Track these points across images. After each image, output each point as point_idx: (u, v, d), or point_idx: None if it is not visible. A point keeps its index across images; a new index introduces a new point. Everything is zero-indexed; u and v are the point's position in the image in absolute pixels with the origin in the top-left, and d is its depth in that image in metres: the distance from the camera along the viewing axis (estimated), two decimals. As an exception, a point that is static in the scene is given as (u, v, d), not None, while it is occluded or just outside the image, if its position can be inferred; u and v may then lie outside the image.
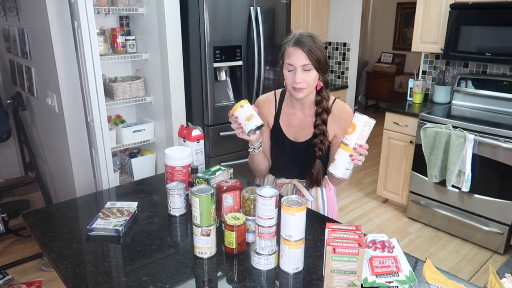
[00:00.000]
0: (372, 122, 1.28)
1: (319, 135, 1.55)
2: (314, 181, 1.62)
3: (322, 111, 1.53)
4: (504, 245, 2.89)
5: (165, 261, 1.25)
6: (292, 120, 1.62)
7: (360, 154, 1.32)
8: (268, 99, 1.67)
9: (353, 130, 1.29)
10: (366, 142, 1.33)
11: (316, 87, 1.52)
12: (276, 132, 1.65)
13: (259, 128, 1.42)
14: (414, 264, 1.22)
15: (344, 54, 4.42)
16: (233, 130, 1.47)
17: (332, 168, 1.36)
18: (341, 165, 1.33)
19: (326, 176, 1.67)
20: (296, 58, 1.42)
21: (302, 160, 1.64)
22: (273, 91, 1.69)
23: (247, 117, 1.39)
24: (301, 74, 1.44)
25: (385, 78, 6.79)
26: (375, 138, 5.67)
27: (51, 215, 1.58)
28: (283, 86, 1.59)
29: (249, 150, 1.58)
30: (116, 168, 3.01)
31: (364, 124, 1.28)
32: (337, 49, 4.47)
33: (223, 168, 1.56)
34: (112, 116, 3.03)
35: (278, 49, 3.36)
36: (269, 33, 3.12)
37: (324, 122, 1.54)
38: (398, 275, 1.11)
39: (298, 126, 1.62)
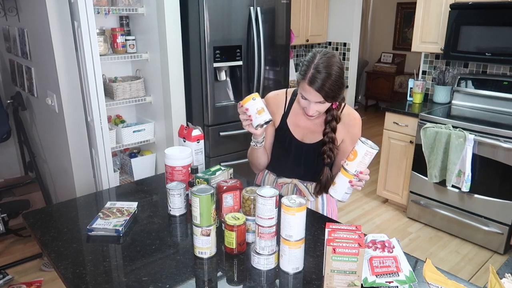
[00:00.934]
0: (373, 151, 1.29)
1: (328, 142, 1.55)
2: (322, 189, 1.62)
3: (331, 119, 1.53)
4: (504, 245, 2.89)
5: (165, 261, 1.25)
6: (301, 121, 1.62)
7: (360, 180, 1.34)
8: (278, 97, 1.66)
9: (354, 157, 1.30)
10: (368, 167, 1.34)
11: (332, 105, 1.52)
12: (283, 132, 1.64)
13: (267, 123, 1.42)
14: (414, 264, 1.22)
15: (344, 54, 4.42)
16: (234, 130, 1.47)
17: (331, 191, 1.38)
18: (340, 189, 1.36)
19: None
20: (311, 95, 1.41)
21: (307, 161, 1.64)
22: (284, 90, 1.68)
23: (258, 110, 1.40)
24: (315, 106, 1.44)
25: (385, 78, 6.79)
26: (375, 138, 5.66)
27: (51, 215, 1.58)
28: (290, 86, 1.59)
29: (251, 143, 1.57)
30: (116, 168, 3.01)
31: (365, 153, 1.29)
32: (337, 49, 4.47)
33: (223, 168, 1.56)
34: (112, 116, 3.03)
35: (278, 49, 3.38)
36: (269, 33, 3.12)
37: (333, 130, 1.54)
38: (398, 275, 1.11)
39: (306, 128, 1.61)
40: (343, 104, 1.59)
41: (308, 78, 1.38)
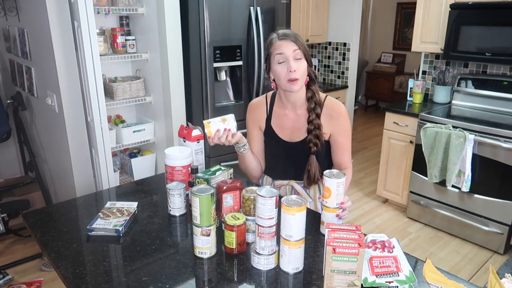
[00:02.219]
0: (343, 179, 1.31)
1: (314, 129, 1.54)
2: (312, 179, 1.61)
3: (315, 105, 1.53)
4: (504, 245, 2.89)
5: (165, 261, 1.25)
6: (285, 122, 1.62)
7: (343, 210, 1.36)
8: (259, 102, 1.69)
9: (329, 194, 1.32)
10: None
11: (310, 88, 1.54)
12: (270, 135, 1.65)
13: (234, 119, 1.48)
14: (414, 264, 1.22)
15: (344, 54, 4.42)
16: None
17: (322, 230, 1.40)
18: None
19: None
20: (286, 48, 1.45)
21: (298, 160, 1.64)
22: (264, 94, 1.70)
23: (222, 120, 1.46)
24: (294, 63, 1.45)
25: (385, 78, 6.79)
26: (375, 138, 5.68)
27: (51, 215, 1.58)
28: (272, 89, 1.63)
29: (240, 151, 1.60)
30: (116, 168, 3.01)
31: (337, 185, 1.31)
32: (337, 49, 4.47)
33: (223, 168, 1.56)
34: (112, 116, 3.03)
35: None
36: (269, 33, 3.11)
37: (318, 116, 1.54)
38: (398, 275, 1.11)
39: (292, 127, 1.62)
40: (324, 95, 1.60)
41: (279, 36, 1.48)
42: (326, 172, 1.33)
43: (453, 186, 2.98)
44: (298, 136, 1.61)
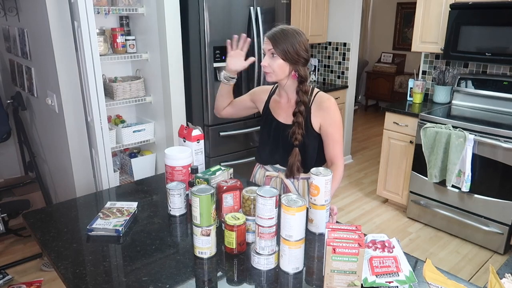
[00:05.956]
0: (330, 176, 1.34)
1: (295, 123, 1.62)
2: (289, 170, 1.66)
3: (299, 101, 1.61)
4: (504, 245, 2.89)
5: (165, 261, 1.25)
6: (279, 109, 1.72)
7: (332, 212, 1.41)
8: (267, 88, 1.83)
9: (318, 191, 1.34)
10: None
11: (292, 77, 1.61)
12: (266, 115, 1.76)
13: None
14: (414, 264, 1.22)
15: (344, 54, 4.42)
16: (234, 130, 1.52)
17: (313, 228, 1.41)
18: (320, 222, 1.40)
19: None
20: (265, 45, 1.59)
21: (284, 145, 1.68)
22: (274, 85, 1.82)
23: None
24: (267, 59, 1.58)
25: (385, 78, 6.79)
26: (375, 138, 5.68)
27: (51, 215, 1.58)
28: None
29: (223, 80, 1.80)
30: (116, 168, 3.01)
31: (325, 182, 1.33)
32: (337, 49, 4.47)
33: (223, 168, 1.56)
34: (112, 116, 3.03)
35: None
36: (269, 33, 3.12)
37: (301, 113, 1.61)
38: (398, 275, 1.11)
39: (285, 115, 1.69)
40: (317, 90, 1.67)
41: (267, 33, 1.60)
42: (313, 170, 1.35)
43: (453, 186, 2.98)
44: (289, 121, 1.68)
